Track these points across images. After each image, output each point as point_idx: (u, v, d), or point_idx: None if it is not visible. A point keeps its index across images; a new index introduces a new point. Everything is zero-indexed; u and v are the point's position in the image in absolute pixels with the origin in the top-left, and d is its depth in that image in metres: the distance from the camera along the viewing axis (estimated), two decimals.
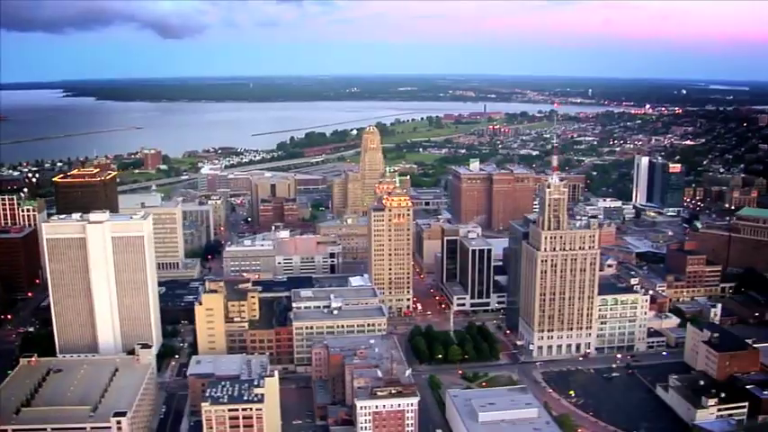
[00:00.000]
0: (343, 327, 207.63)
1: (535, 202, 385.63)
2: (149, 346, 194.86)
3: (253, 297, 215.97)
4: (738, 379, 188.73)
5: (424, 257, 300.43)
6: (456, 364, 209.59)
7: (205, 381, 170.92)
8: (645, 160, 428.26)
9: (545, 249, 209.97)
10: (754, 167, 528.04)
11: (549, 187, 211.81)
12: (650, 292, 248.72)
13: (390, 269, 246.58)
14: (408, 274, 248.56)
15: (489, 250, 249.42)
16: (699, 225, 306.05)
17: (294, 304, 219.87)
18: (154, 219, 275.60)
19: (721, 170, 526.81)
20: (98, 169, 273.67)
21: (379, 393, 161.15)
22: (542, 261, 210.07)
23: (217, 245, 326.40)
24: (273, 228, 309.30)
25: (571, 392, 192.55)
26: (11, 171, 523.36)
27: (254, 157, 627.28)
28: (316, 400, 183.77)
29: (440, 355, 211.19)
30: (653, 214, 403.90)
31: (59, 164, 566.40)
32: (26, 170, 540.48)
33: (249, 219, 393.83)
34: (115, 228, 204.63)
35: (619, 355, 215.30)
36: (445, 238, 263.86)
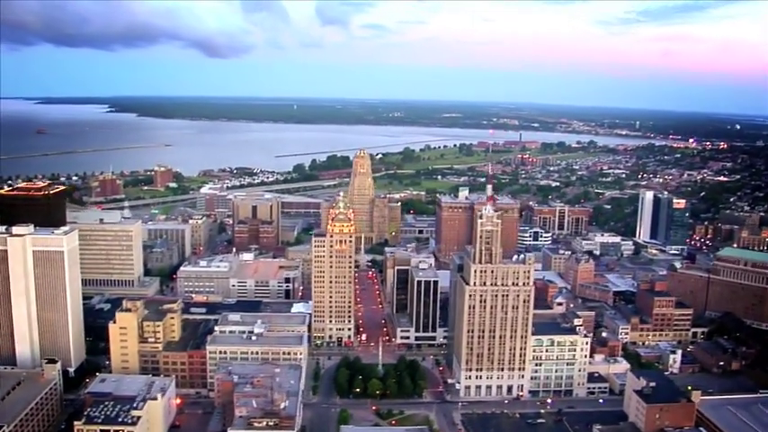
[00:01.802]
0: (257, 353, 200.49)
1: (525, 235, 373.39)
2: (55, 361, 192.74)
3: (172, 318, 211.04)
4: None
5: (387, 287, 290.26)
6: (377, 399, 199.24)
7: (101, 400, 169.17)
8: (649, 195, 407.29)
9: (474, 283, 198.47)
10: None
11: (480, 218, 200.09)
12: (604, 334, 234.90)
13: (331, 297, 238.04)
14: (350, 302, 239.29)
15: (436, 282, 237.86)
16: (678, 265, 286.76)
17: (217, 328, 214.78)
18: (110, 236, 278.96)
19: (746, 208, 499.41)
20: (46, 184, 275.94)
21: (256, 424, 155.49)
22: (470, 296, 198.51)
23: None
24: (234, 250, 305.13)
25: None
26: (23, 183, 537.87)
27: (267, 178, 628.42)
28: (209, 426, 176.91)
29: (358, 389, 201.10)
30: (654, 252, 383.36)
31: (75, 178, 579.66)
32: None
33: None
34: (36, 242, 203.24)
35: (549, 400, 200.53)
36: (396, 268, 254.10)
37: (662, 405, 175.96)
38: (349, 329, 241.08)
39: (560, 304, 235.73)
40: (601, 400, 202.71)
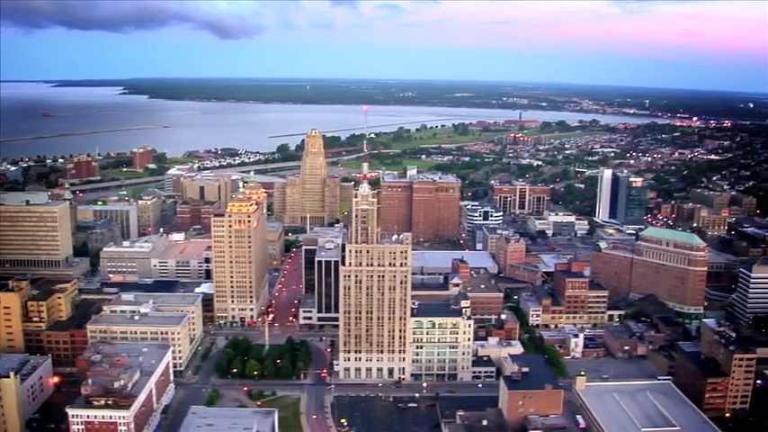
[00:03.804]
0: (136, 333, 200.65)
1: (475, 214, 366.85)
2: None
3: (59, 297, 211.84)
4: (531, 422, 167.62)
5: None
6: (255, 379, 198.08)
7: None
8: (608, 174, 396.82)
9: (350, 264, 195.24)
10: (761, 185, 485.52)
11: (356, 197, 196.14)
12: (503, 316, 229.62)
13: (232, 277, 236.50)
14: (251, 282, 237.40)
15: (336, 262, 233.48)
16: (602, 245, 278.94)
17: (106, 307, 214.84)
18: (35, 216, 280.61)
19: (725, 186, 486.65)
20: None
21: (95, 403, 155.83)
22: (346, 276, 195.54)
23: None
24: (162, 230, 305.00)
25: (343, 421, 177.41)
26: (9, 166, 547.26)
27: (249, 158, 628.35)
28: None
29: (235, 370, 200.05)
30: (611, 231, 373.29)
31: (61, 160, 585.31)
32: (24, 165, 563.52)
33: None
34: None
35: (425, 384, 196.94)
36: (303, 248, 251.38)
37: (525, 392, 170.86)
38: (251, 309, 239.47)
39: (456, 285, 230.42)
40: (480, 385, 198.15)
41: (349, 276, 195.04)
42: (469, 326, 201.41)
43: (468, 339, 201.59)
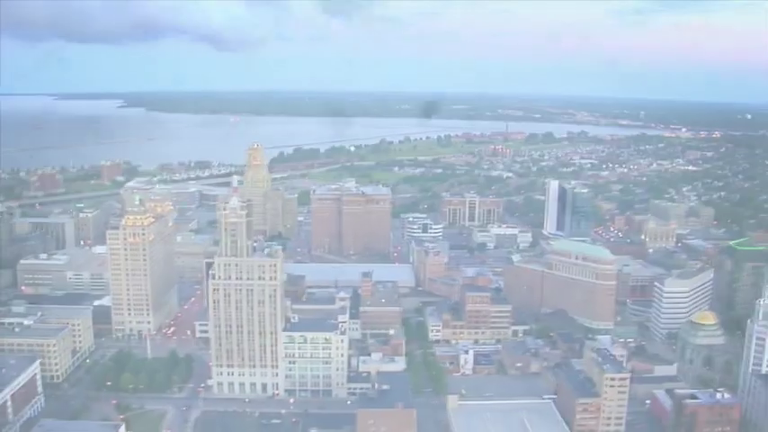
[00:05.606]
0: (13, 345, 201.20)
1: (414, 227, 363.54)
2: None
3: None
4: None
5: None
6: (129, 392, 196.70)
7: None
8: (554, 185, 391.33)
9: (219, 277, 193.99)
10: (729, 196, 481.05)
11: (224, 209, 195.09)
12: (391, 331, 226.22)
13: (128, 290, 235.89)
14: (147, 295, 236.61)
15: None
16: (515, 258, 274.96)
17: None
18: None
19: (692, 197, 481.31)
20: None
21: None
22: (215, 290, 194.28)
23: None
24: (83, 242, 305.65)
25: None
26: None
27: (219, 171, 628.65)
28: None
29: (109, 383, 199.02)
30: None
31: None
32: None
33: None
34: None
35: (291, 400, 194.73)
36: (204, 261, 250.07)
37: (374, 410, 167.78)
38: (149, 323, 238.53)
39: (343, 299, 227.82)
40: (349, 402, 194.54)
41: (217, 290, 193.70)
42: (343, 341, 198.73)
43: (342, 355, 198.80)
